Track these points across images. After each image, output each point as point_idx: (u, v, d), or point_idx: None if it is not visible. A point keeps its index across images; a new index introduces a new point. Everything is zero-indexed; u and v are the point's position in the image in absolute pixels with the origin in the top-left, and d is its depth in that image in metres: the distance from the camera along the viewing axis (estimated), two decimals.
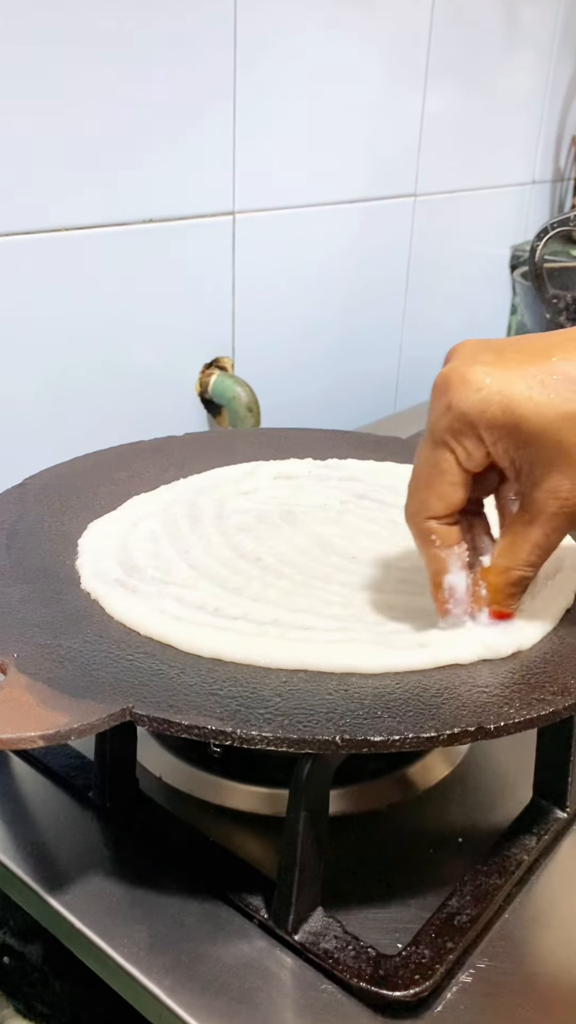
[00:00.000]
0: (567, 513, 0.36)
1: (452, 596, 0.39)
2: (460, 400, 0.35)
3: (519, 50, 1.09)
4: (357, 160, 0.91)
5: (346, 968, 0.37)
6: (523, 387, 0.35)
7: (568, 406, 0.34)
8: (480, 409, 0.35)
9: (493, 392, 0.35)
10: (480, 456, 0.36)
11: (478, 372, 0.35)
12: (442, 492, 0.37)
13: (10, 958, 0.50)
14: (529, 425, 0.35)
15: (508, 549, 0.38)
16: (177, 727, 0.34)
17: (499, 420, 0.35)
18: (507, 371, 0.35)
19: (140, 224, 0.71)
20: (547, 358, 0.35)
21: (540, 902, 0.42)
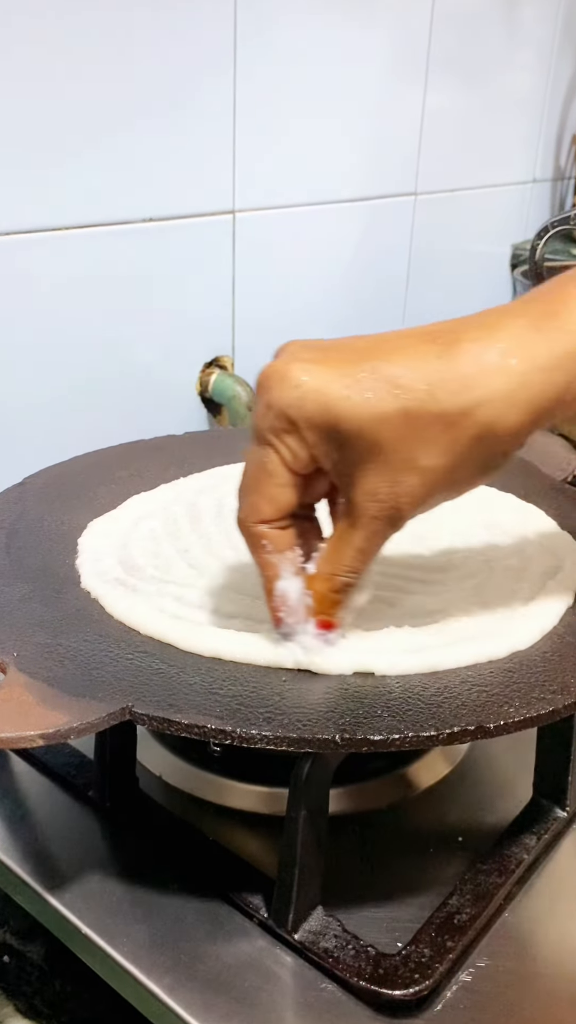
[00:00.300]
0: (386, 516, 0.35)
1: (285, 603, 0.38)
2: (279, 398, 0.34)
3: (520, 48, 1.09)
4: (357, 159, 0.91)
5: (346, 967, 0.37)
6: (340, 386, 0.34)
7: (384, 406, 0.33)
8: (298, 407, 0.34)
9: (311, 390, 0.34)
10: (305, 457, 0.35)
11: (297, 369, 0.34)
12: (271, 495, 0.36)
13: (10, 957, 0.50)
14: (346, 425, 0.34)
15: (331, 554, 0.37)
16: (177, 726, 0.34)
17: (317, 419, 0.34)
18: (327, 369, 0.34)
19: (140, 223, 0.71)
20: (366, 359, 0.34)
21: (540, 901, 0.42)
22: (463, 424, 0.33)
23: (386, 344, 0.35)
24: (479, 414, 0.33)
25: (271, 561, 0.37)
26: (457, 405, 0.33)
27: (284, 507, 0.37)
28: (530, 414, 0.33)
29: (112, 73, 0.65)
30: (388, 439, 0.34)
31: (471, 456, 0.34)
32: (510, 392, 0.33)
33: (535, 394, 0.33)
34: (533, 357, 0.33)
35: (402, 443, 0.34)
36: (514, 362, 0.33)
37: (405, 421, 0.33)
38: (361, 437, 0.34)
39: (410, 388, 0.33)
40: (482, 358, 0.33)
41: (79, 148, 0.65)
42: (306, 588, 0.38)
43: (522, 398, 0.33)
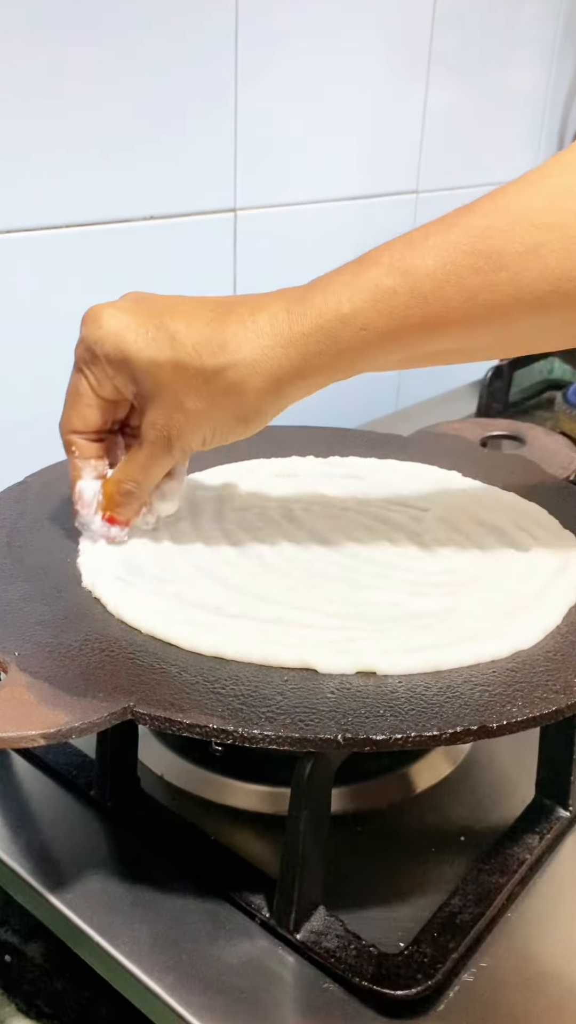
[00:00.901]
0: (162, 442, 0.43)
1: (80, 498, 0.46)
2: (88, 334, 0.43)
3: (521, 46, 1.09)
4: (359, 157, 0.91)
5: (348, 967, 0.37)
6: (133, 333, 0.42)
7: (161, 355, 0.41)
8: (100, 344, 0.42)
9: (110, 332, 0.42)
10: (109, 386, 0.44)
11: (106, 313, 0.43)
12: (81, 412, 0.45)
13: (11, 956, 0.50)
14: (134, 365, 0.42)
15: (122, 467, 0.46)
16: (179, 726, 0.34)
17: (113, 355, 0.42)
18: (129, 317, 0.42)
19: (141, 221, 0.71)
20: (161, 315, 0.42)
21: (542, 901, 0.42)
22: (216, 380, 0.41)
23: (181, 305, 0.43)
24: (229, 374, 0.41)
25: (76, 464, 0.46)
26: (213, 364, 0.41)
27: (91, 423, 0.45)
28: (269, 381, 0.41)
29: (113, 71, 0.65)
30: (163, 382, 0.42)
31: (224, 405, 0.42)
32: (254, 361, 0.40)
33: (274, 366, 0.40)
34: (277, 334, 0.40)
35: (173, 386, 0.41)
36: (263, 338, 0.40)
37: (175, 370, 0.41)
38: (145, 376, 0.42)
39: (182, 344, 0.41)
40: (239, 331, 0.41)
41: (80, 147, 0.64)
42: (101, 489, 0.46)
43: (263, 368, 0.40)
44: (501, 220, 0.38)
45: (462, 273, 0.38)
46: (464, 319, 0.39)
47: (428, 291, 0.39)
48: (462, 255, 0.38)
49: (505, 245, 0.38)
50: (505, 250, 0.38)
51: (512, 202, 0.39)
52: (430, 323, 0.39)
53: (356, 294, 0.40)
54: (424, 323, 0.39)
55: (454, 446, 0.63)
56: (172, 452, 0.44)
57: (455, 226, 0.39)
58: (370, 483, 0.57)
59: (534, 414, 1.02)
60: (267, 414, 0.43)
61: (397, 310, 0.39)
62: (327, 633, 0.40)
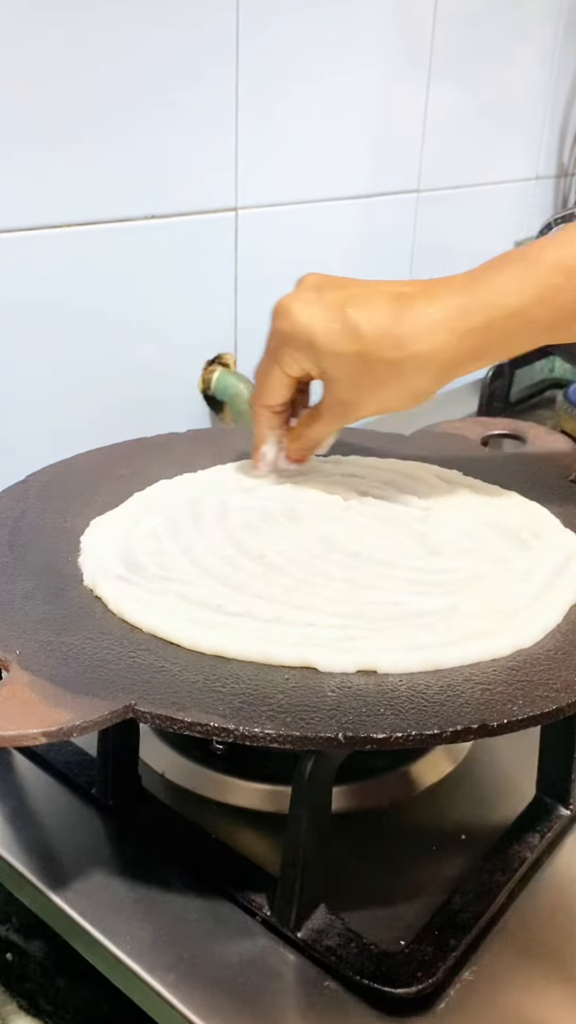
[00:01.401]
0: (341, 415, 0.51)
1: (263, 459, 0.56)
2: (280, 326, 0.49)
3: (523, 44, 1.09)
4: (360, 156, 0.91)
5: (349, 965, 0.37)
6: (321, 327, 0.47)
7: (347, 348, 0.47)
8: (292, 336, 0.48)
9: (301, 326, 0.48)
10: (297, 368, 0.50)
11: (295, 307, 0.48)
12: (271, 388, 0.52)
13: (13, 954, 0.50)
14: (323, 355, 0.48)
15: (303, 425, 0.54)
16: (180, 724, 0.34)
17: (303, 345, 0.48)
18: (316, 310, 0.47)
19: (142, 220, 0.71)
20: (343, 306, 0.47)
21: (543, 900, 0.42)
22: (396, 370, 0.47)
23: (363, 298, 0.47)
24: (407, 365, 0.46)
25: (263, 432, 0.55)
26: (393, 357, 0.46)
27: (280, 398, 0.53)
28: (443, 370, 0.47)
29: (114, 71, 0.65)
30: (347, 369, 0.48)
31: (400, 389, 0.48)
32: (431, 354, 0.46)
33: (448, 356, 0.46)
34: (451, 329, 0.46)
35: (356, 373, 0.48)
36: (439, 333, 0.46)
37: (359, 360, 0.47)
38: (332, 364, 0.48)
39: (365, 338, 0.46)
40: (418, 325, 0.46)
41: (81, 145, 0.64)
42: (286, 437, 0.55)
43: (439, 359, 0.46)
44: None
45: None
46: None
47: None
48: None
49: None
50: None
51: None
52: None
53: (525, 290, 0.45)
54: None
55: (455, 445, 0.63)
56: (346, 422, 0.52)
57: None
58: (371, 482, 0.57)
59: (535, 413, 1.02)
60: (434, 393, 0.49)
61: (564, 305, 0.46)
62: (328, 632, 0.40)
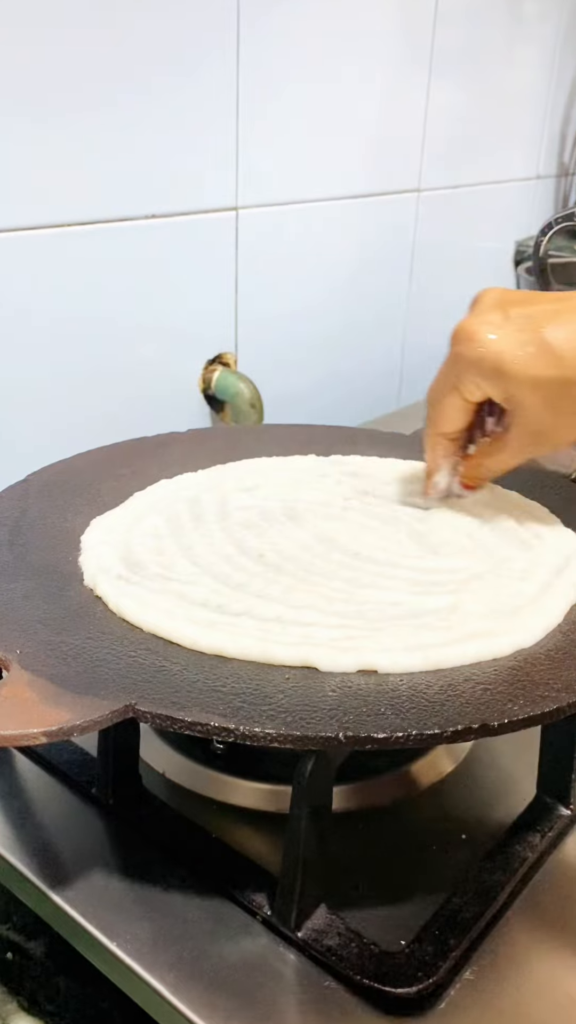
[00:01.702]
0: (531, 446, 0.47)
1: (435, 488, 0.52)
2: (466, 353, 0.45)
3: (523, 44, 1.09)
4: (360, 155, 0.91)
5: (349, 965, 0.37)
6: (512, 352, 0.44)
7: (545, 373, 0.43)
8: (479, 363, 0.45)
9: (491, 351, 0.44)
10: (479, 394, 0.46)
11: (483, 330, 0.44)
12: (450, 416, 0.48)
13: (14, 954, 0.50)
14: (515, 382, 0.44)
15: (483, 455, 0.50)
16: (180, 724, 0.34)
17: (491, 372, 0.45)
18: (506, 333, 0.44)
19: (143, 220, 0.71)
20: (535, 327, 0.44)
21: (544, 899, 0.42)
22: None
23: (559, 316, 0.44)
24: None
25: (437, 461, 0.51)
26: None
27: (458, 426, 0.49)
28: None
29: (115, 71, 0.65)
30: (544, 397, 0.44)
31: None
32: None
33: None
34: None
35: (553, 402, 0.44)
36: None
37: (559, 386, 0.43)
38: (526, 392, 0.44)
39: (564, 360, 0.43)
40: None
41: (82, 145, 0.64)
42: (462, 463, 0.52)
43: None
44: None
45: None
46: None
47: None
48: None
49: None
50: None
51: None
52: None
53: None
54: None
55: None
56: (537, 453, 0.48)
57: None
58: (371, 482, 0.57)
59: None
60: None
61: None
62: (328, 632, 0.40)
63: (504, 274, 1.20)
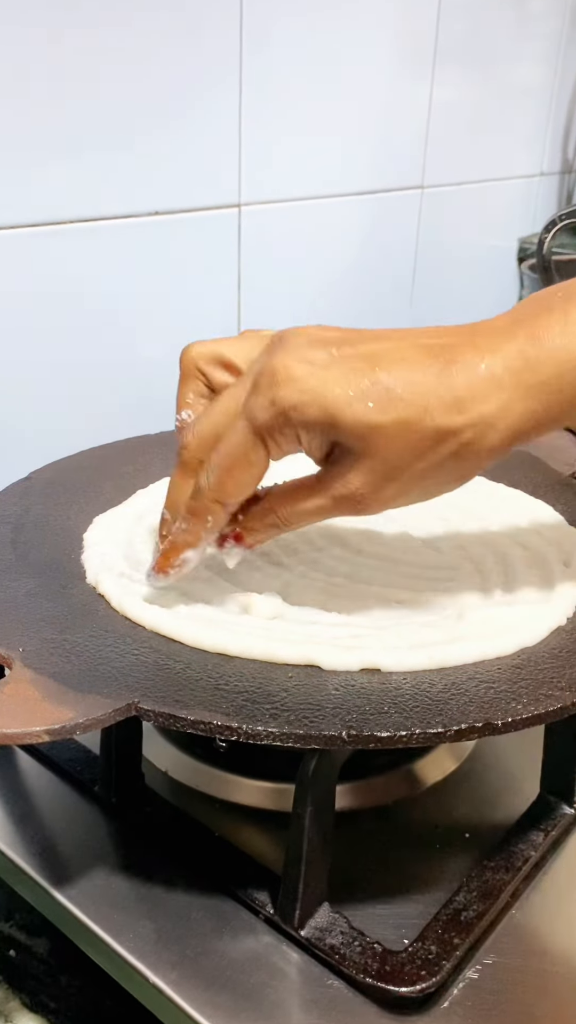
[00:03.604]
0: (350, 504, 0.38)
1: (181, 567, 0.41)
2: (284, 397, 0.36)
3: (527, 41, 1.09)
4: (364, 152, 0.90)
5: (352, 963, 0.37)
6: (344, 394, 0.35)
7: (382, 417, 0.35)
8: (302, 410, 0.36)
9: (317, 395, 0.35)
10: (290, 449, 0.38)
11: (305, 371, 0.36)
12: (241, 481, 0.38)
13: (16, 952, 0.50)
14: (345, 430, 0.35)
15: (281, 499, 0.39)
16: (183, 722, 0.34)
17: (317, 420, 0.36)
18: (333, 375, 0.35)
19: (146, 216, 0.70)
20: (372, 368, 0.35)
21: (547, 898, 0.42)
22: (448, 441, 0.36)
23: (391, 353, 0.36)
24: (466, 435, 0.35)
25: (200, 535, 0.40)
26: (448, 425, 0.35)
27: (247, 492, 0.39)
28: (508, 437, 0.36)
29: (118, 68, 0.65)
30: (381, 446, 0.36)
31: (449, 467, 0.37)
32: (494, 418, 0.35)
33: (514, 420, 0.36)
34: (516, 385, 0.35)
35: (392, 451, 0.36)
36: (503, 391, 0.35)
37: (399, 432, 0.35)
38: (357, 441, 0.36)
39: (410, 403, 0.35)
40: (474, 383, 0.35)
41: (84, 142, 0.64)
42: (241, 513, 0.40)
43: (503, 425, 0.36)
44: None
45: None
46: None
47: None
48: None
49: None
50: None
51: None
52: None
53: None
54: None
55: None
56: (359, 514, 0.38)
57: None
58: None
59: None
60: (484, 470, 0.38)
61: None
62: (331, 630, 0.40)
63: (507, 271, 1.20)
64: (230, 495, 0.38)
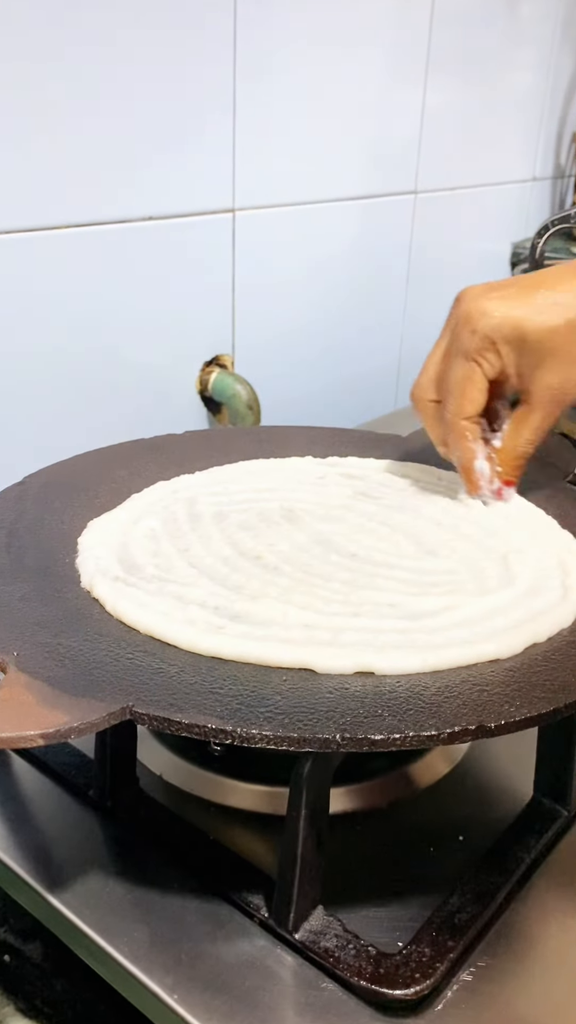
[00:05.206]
0: (557, 400, 0.50)
1: (482, 477, 0.52)
2: (483, 325, 0.49)
3: (520, 46, 1.09)
4: (357, 157, 0.91)
5: (347, 967, 0.37)
6: (523, 311, 0.48)
7: (555, 321, 0.47)
8: (498, 329, 0.48)
9: (506, 317, 0.48)
10: (499, 366, 0.49)
11: (491, 306, 0.49)
12: (473, 397, 0.50)
13: (11, 956, 0.50)
14: (531, 337, 0.48)
15: (514, 433, 0.51)
16: (177, 726, 0.34)
17: (511, 336, 0.48)
18: (512, 302, 0.48)
19: (140, 221, 0.71)
20: (537, 289, 0.49)
21: (541, 901, 0.42)
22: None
23: (543, 280, 0.49)
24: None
25: (471, 447, 0.52)
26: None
27: (480, 406, 0.51)
28: None
29: (111, 73, 0.65)
30: (559, 343, 0.48)
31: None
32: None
33: None
34: None
35: (568, 346, 0.48)
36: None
37: (570, 330, 0.47)
38: (540, 345, 0.48)
39: (571, 306, 0.47)
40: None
41: (78, 147, 0.64)
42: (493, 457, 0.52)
43: None
44: None
45: None
46: None
47: None
48: None
49: None
50: None
51: None
52: None
53: None
54: None
55: None
56: (564, 406, 0.50)
57: None
58: (368, 483, 0.57)
59: None
60: None
61: None
62: (325, 634, 0.40)
63: (500, 276, 1.20)
64: (467, 411, 0.50)
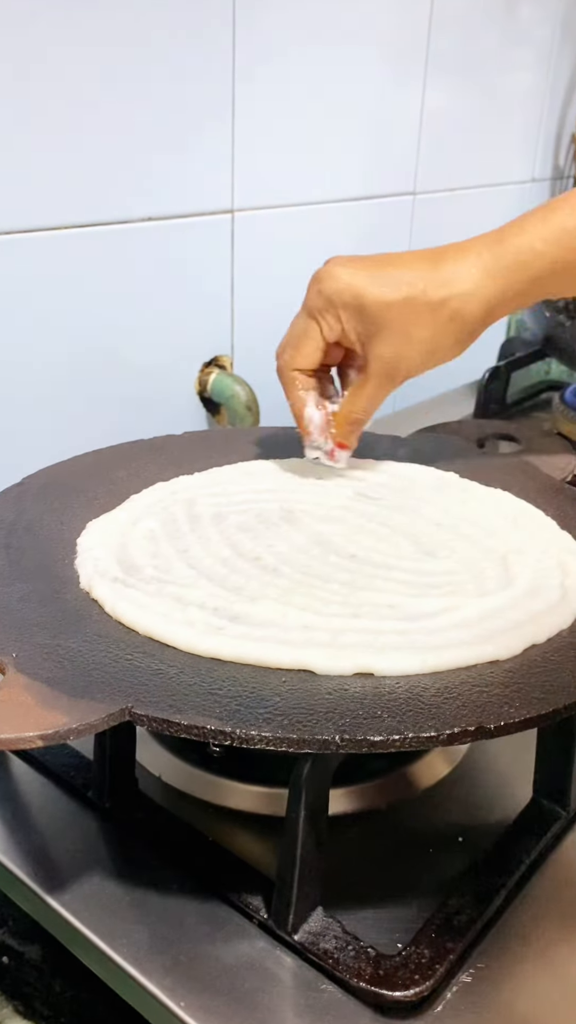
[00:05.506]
0: (388, 373, 0.53)
1: (312, 422, 0.55)
2: (327, 287, 0.52)
3: (519, 47, 1.09)
4: (356, 158, 0.91)
5: (346, 968, 0.37)
6: (367, 282, 0.51)
7: (394, 295, 0.50)
8: (339, 293, 0.51)
9: (349, 284, 0.51)
10: (338, 330, 0.52)
11: (340, 269, 0.52)
12: (306, 352, 0.54)
13: (9, 958, 0.50)
14: (370, 307, 0.51)
15: (350, 399, 0.55)
16: (176, 727, 0.34)
17: (351, 303, 0.51)
18: (360, 271, 0.51)
19: (139, 222, 0.71)
20: (385, 265, 0.52)
21: (540, 902, 0.42)
22: (442, 310, 0.51)
23: (398, 258, 0.53)
24: (452, 304, 0.51)
25: (300, 396, 0.55)
26: (438, 297, 0.50)
27: (314, 362, 0.54)
28: (483, 307, 0.51)
29: (111, 72, 0.65)
30: (395, 318, 0.51)
31: (446, 331, 0.51)
32: (471, 292, 0.51)
33: (487, 293, 0.51)
34: (485, 268, 0.51)
35: (401, 320, 0.51)
36: (475, 272, 0.51)
37: (406, 306, 0.50)
38: (378, 315, 0.51)
39: (411, 284, 0.50)
40: (456, 269, 0.51)
41: (78, 148, 0.64)
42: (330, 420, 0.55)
43: (478, 296, 0.51)
44: None
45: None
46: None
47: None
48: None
49: None
50: None
51: None
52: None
53: (547, 234, 0.50)
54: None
55: (451, 447, 0.63)
56: (396, 380, 0.53)
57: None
58: (367, 484, 0.57)
59: (532, 415, 1.02)
60: (477, 336, 0.52)
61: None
62: (325, 635, 0.40)
63: None
64: (298, 363, 0.54)
